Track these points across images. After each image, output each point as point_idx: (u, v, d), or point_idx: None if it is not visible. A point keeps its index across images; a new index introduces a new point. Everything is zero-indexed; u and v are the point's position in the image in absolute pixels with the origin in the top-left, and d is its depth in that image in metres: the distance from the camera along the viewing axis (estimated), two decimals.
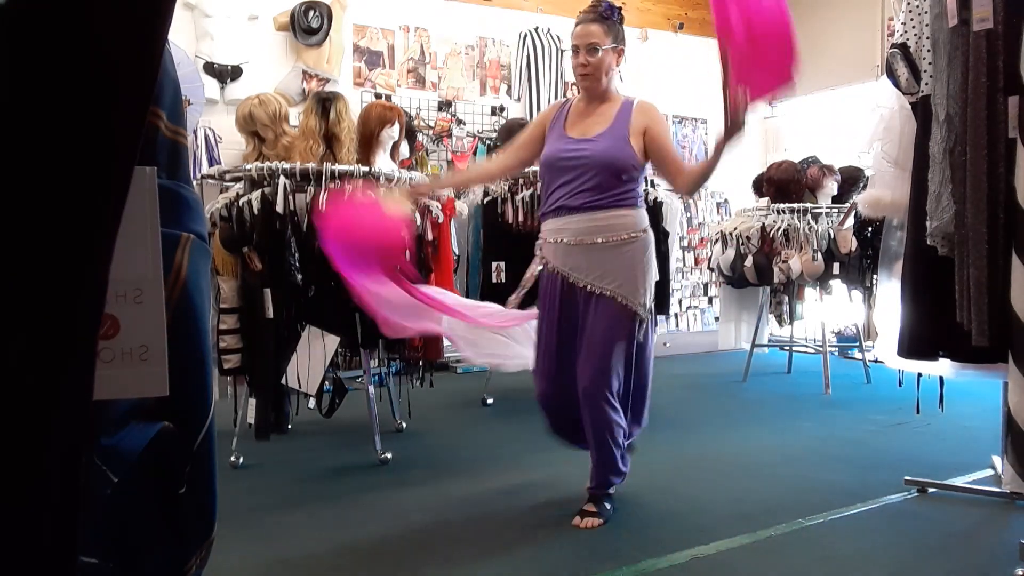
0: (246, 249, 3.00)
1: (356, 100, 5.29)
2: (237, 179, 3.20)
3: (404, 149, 4.01)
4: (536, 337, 2.57)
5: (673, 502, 2.71)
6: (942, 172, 2.18)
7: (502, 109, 6.12)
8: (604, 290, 2.39)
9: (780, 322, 5.39)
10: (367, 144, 3.52)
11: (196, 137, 4.79)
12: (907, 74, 2.37)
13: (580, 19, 2.44)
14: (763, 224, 4.83)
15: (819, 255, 4.65)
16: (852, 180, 5.04)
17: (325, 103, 3.44)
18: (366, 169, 3.17)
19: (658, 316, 4.53)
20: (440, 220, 3.40)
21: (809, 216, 4.76)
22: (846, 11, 6.72)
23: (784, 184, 4.96)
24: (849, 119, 6.29)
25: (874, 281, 4.52)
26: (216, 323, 3.05)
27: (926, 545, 2.31)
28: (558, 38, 6.28)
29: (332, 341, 3.04)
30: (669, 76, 6.81)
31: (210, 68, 4.92)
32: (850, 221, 4.52)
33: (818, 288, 4.88)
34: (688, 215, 6.66)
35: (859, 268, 4.63)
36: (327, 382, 3.21)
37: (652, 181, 4.43)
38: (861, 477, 2.95)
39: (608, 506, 2.51)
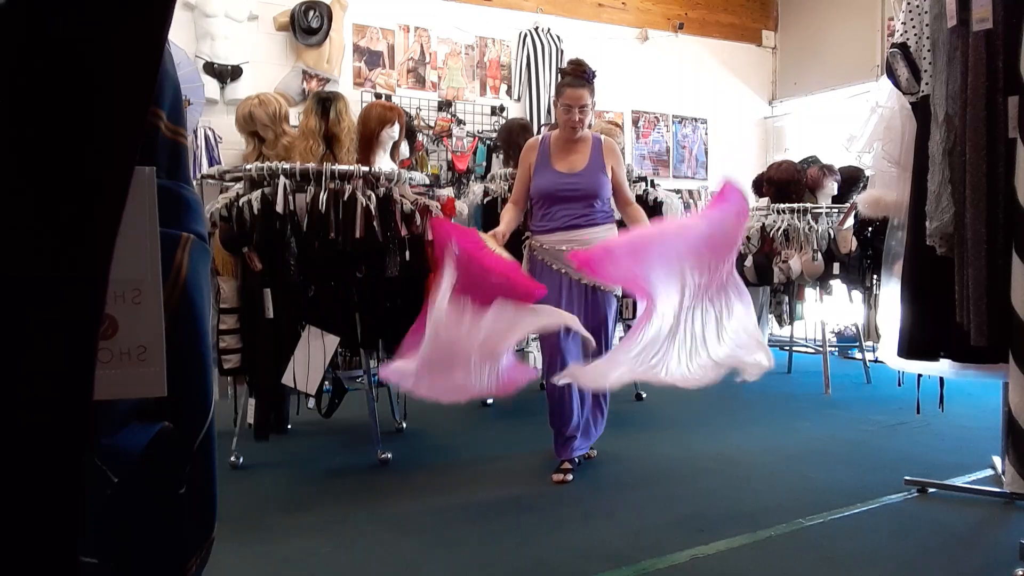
0: (246, 249, 3.00)
1: (356, 100, 5.29)
2: (237, 179, 3.20)
3: (404, 149, 4.01)
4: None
5: (673, 502, 2.72)
6: (942, 172, 2.18)
7: (502, 109, 6.12)
8: (600, 284, 3.01)
9: (780, 322, 5.39)
10: (367, 144, 3.52)
11: (196, 137, 4.79)
12: (907, 74, 2.37)
13: (570, 83, 2.98)
14: (763, 224, 4.83)
15: (819, 255, 4.65)
16: (852, 180, 5.04)
17: (325, 103, 3.43)
18: (366, 169, 3.17)
19: None
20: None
21: (809, 216, 4.76)
22: (846, 11, 6.72)
23: (784, 184, 4.96)
24: (849, 119, 6.29)
25: (874, 281, 4.53)
26: (216, 323, 3.04)
27: (926, 545, 2.31)
28: (558, 38, 6.29)
29: (332, 341, 3.04)
30: (669, 76, 6.81)
31: (210, 68, 4.92)
32: (850, 221, 4.52)
33: (818, 288, 4.88)
34: (688, 215, 6.65)
35: (859, 268, 4.63)
36: (327, 382, 3.21)
37: (653, 181, 4.43)
38: (861, 477, 2.95)
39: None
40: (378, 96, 5.50)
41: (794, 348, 5.55)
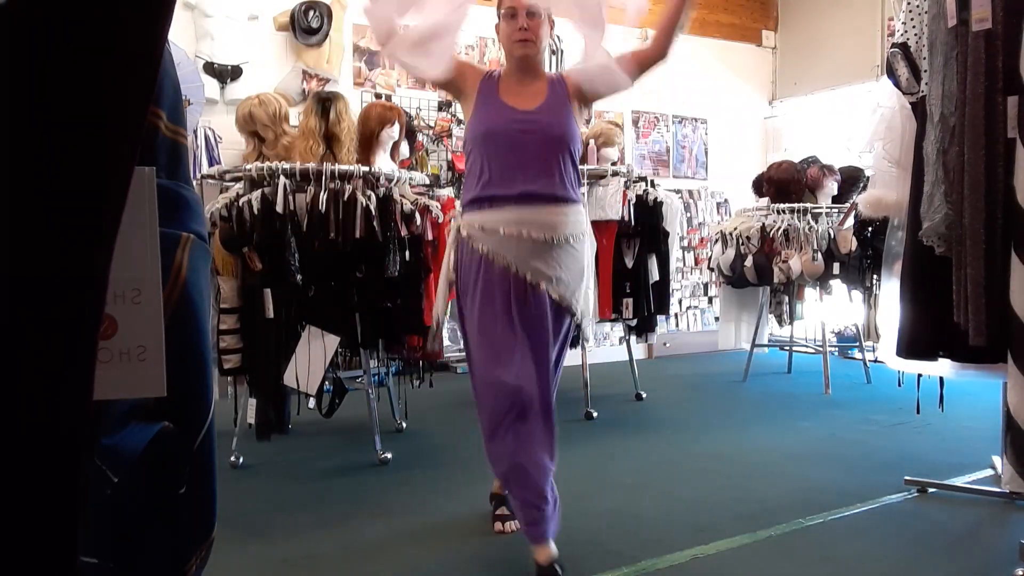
0: (246, 249, 3.00)
1: (356, 100, 5.28)
2: (237, 179, 3.20)
3: (404, 149, 4.01)
4: (472, 330, 2.18)
5: (673, 502, 2.72)
6: (935, 172, 2.18)
7: None
8: (563, 297, 2.15)
9: (780, 322, 5.39)
10: (367, 144, 3.52)
11: (196, 137, 4.79)
12: (907, 74, 2.37)
13: None
14: (763, 224, 4.83)
15: (819, 255, 4.65)
16: (852, 180, 5.04)
17: (325, 103, 3.43)
18: (366, 169, 3.17)
19: (658, 316, 4.55)
20: (440, 220, 3.40)
21: (809, 216, 4.76)
22: (846, 11, 6.72)
23: (784, 184, 4.96)
24: (849, 119, 6.29)
25: (874, 281, 4.53)
26: (216, 323, 3.04)
27: (926, 545, 2.31)
28: (558, 38, 6.27)
29: (332, 341, 3.04)
30: (669, 76, 6.80)
31: (210, 68, 4.91)
32: (850, 221, 4.52)
33: (818, 288, 4.88)
34: (688, 215, 6.65)
35: (859, 268, 4.63)
36: (327, 382, 3.21)
37: (653, 181, 4.42)
38: (861, 477, 2.95)
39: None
40: (378, 96, 5.50)
41: (794, 348, 5.55)
